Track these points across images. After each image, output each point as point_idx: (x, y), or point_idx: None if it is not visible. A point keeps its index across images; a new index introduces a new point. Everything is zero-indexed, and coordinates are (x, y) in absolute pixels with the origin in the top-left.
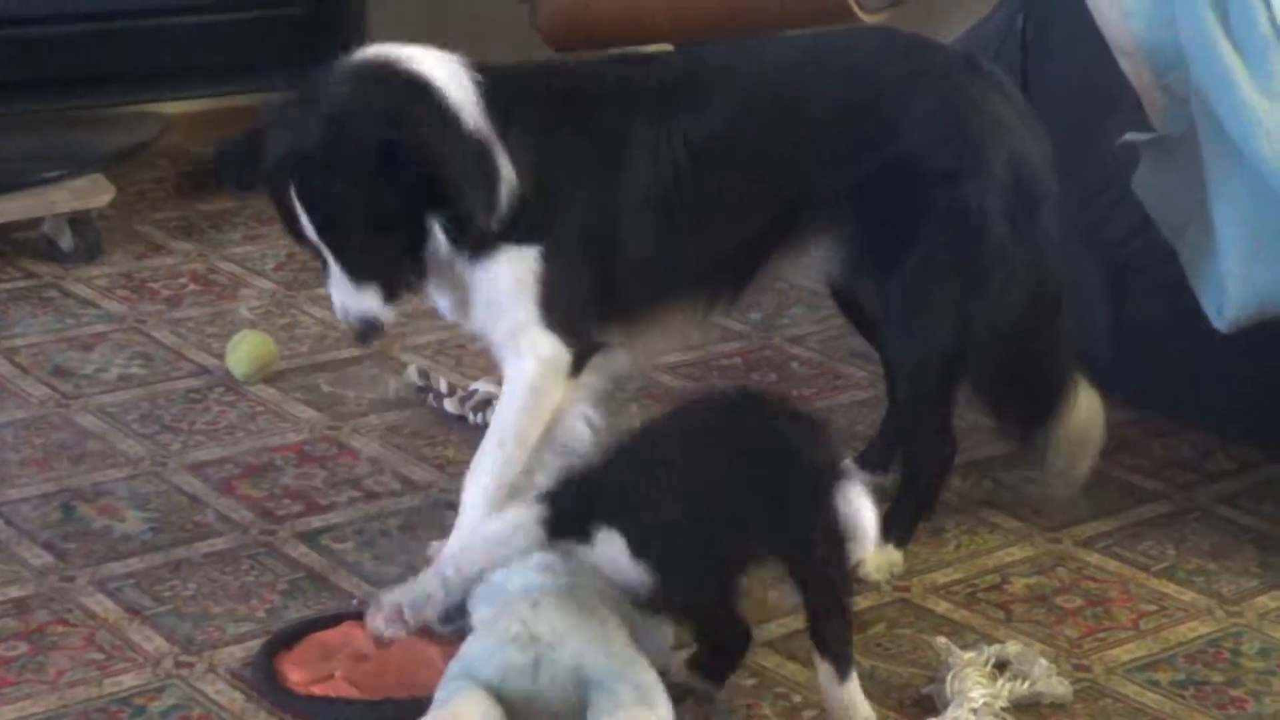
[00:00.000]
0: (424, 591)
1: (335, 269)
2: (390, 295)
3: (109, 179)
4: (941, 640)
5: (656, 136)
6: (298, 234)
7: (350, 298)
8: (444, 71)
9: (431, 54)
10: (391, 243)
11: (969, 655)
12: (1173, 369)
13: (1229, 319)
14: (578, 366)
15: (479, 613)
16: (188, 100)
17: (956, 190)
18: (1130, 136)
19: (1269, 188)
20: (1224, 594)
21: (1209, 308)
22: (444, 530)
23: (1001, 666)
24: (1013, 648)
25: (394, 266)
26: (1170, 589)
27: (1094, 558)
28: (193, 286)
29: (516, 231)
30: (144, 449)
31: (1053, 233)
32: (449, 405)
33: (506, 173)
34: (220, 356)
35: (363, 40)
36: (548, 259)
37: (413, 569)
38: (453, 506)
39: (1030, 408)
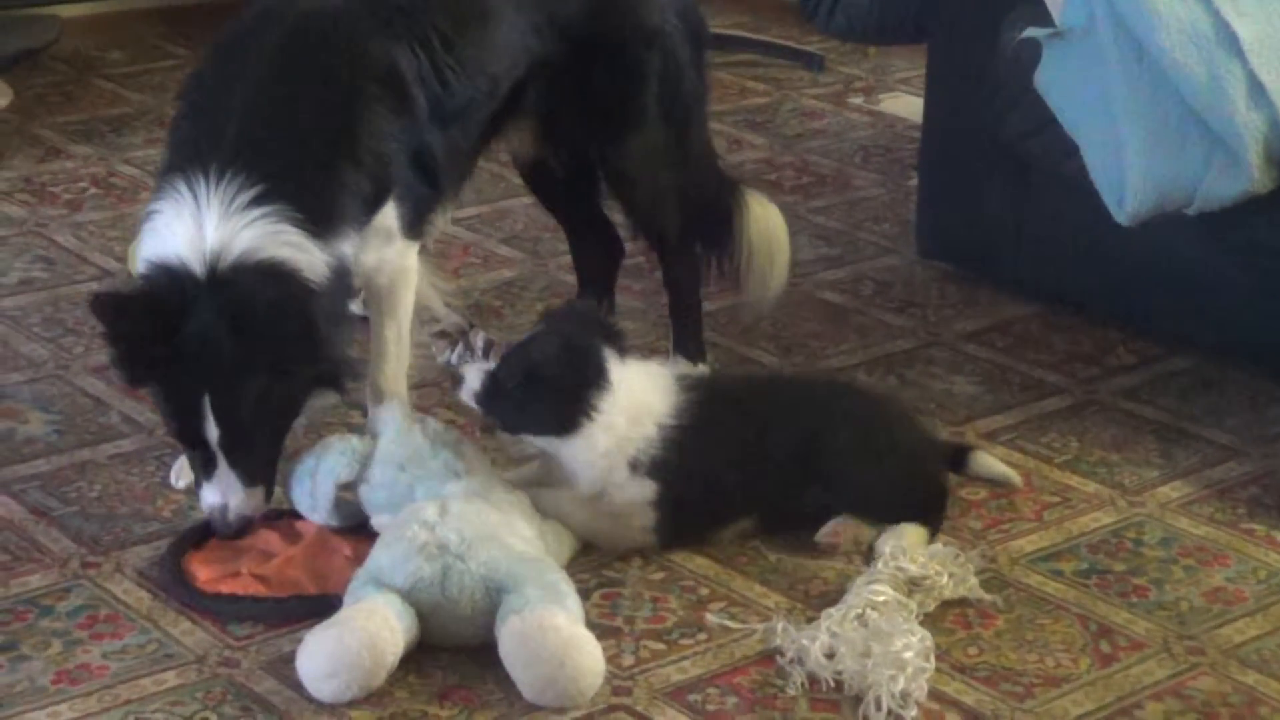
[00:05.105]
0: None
1: (223, 467)
2: (269, 492)
3: (6, 83)
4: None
5: (417, 59)
6: (186, 428)
7: (236, 497)
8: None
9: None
10: (280, 439)
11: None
12: (1074, 264)
13: (1129, 212)
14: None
15: (378, 518)
16: (84, 4)
17: (658, 47)
18: (1031, 31)
19: (1169, 81)
20: (1126, 485)
21: (1110, 201)
22: (346, 428)
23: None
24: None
25: (276, 463)
26: (1073, 480)
27: (998, 450)
28: (94, 190)
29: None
30: (47, 352)
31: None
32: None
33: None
34: (122, 260)
35: None
36: (399, 199)
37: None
38: (356, 405)
39: (715, 225)
